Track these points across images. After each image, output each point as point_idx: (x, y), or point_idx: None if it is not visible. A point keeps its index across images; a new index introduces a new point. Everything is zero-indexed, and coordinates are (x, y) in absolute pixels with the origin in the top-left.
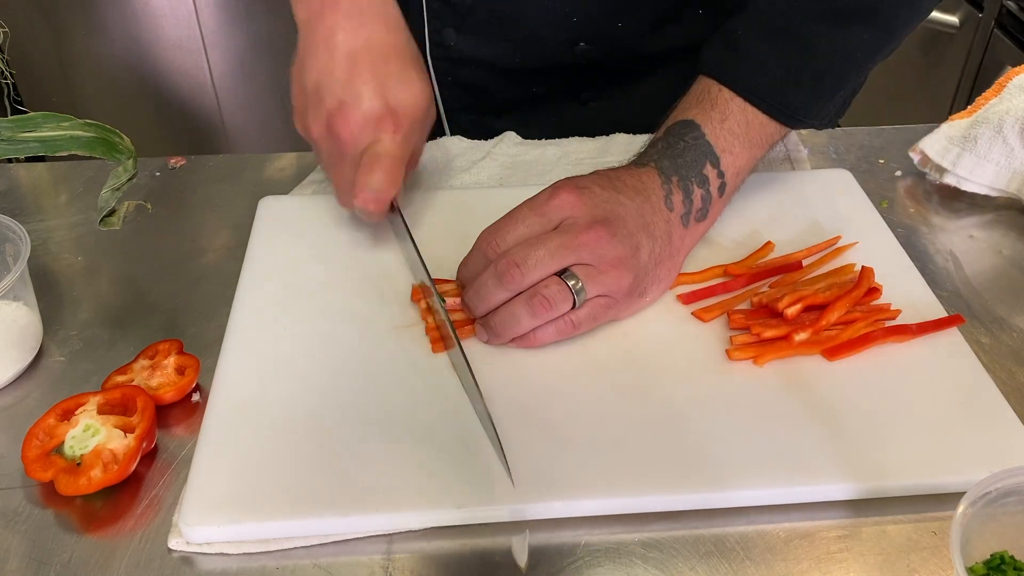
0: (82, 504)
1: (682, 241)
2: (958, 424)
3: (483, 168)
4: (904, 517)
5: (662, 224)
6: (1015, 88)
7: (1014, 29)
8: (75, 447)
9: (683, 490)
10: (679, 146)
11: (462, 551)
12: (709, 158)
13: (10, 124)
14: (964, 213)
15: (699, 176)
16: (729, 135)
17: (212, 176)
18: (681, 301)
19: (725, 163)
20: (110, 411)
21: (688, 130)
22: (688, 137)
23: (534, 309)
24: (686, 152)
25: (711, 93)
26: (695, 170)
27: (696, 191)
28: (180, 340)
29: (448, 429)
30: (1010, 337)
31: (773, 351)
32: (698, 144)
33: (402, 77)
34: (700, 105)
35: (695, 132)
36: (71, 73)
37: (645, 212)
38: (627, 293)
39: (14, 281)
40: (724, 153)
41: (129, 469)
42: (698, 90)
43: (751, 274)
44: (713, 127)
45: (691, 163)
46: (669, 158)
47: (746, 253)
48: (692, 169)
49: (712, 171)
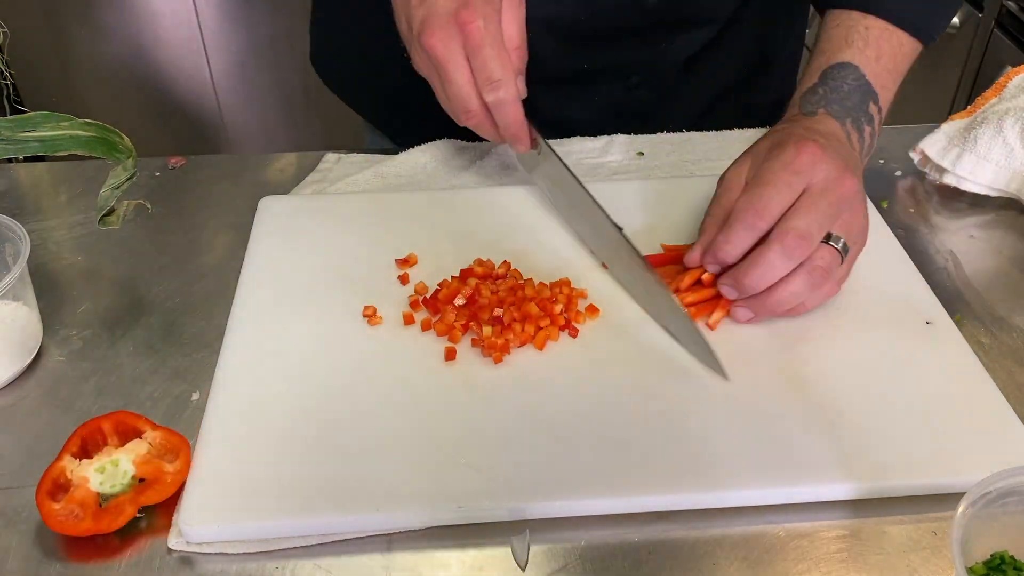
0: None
1: (862, 174)
2: (958, 424)
3: (483, 168)
4: (904, 517)
5: (859, 164)
6: (1015, 88)
7: (1014, 29)
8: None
9: (683, 490)
10: (843, 89)
11: (462, 551)
12: (871, 97)
13: (10, 124)
14: (964, 213)
15: (866, 115)
16: (884, 72)
17: (212, 176)
18: None
19: (883, 100)
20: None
21: (848, 72)
22: (850, 79)
23: (814, 280)
24: (852, 94)
25: (859, 31)
26: (862, 110)
27: (866, 129)
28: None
29: (449, 429)
30: (1010, 337)
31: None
32: (860, 85)
33: None
34: (852, 46)
35: (855, 74)
36: (71, 73)
37: (852, 155)
38: (866, 232)
39: (14, 281)
40: (882, 90)
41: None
42: (841, 32)
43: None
44: (870, 66)
45: (858, 104)
46: (837, 102)
47: None
48: (859, 109)
49: (874, 108)
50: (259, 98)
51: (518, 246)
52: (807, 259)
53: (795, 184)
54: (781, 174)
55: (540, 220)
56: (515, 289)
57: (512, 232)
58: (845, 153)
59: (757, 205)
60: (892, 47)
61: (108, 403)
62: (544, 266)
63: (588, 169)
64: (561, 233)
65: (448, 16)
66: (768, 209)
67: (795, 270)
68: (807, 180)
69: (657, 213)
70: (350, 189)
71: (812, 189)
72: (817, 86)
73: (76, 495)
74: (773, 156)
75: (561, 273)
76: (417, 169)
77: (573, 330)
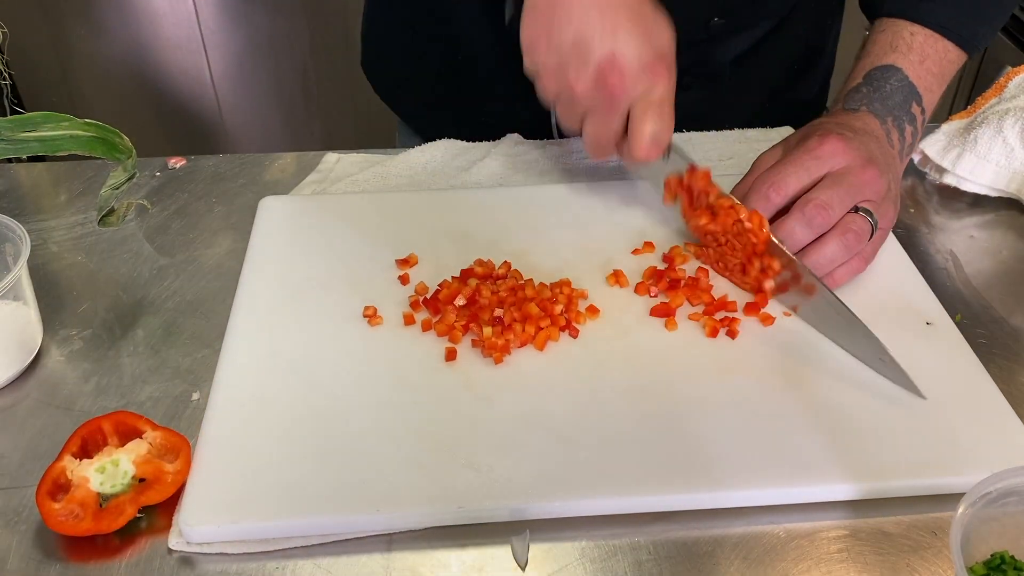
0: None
1: (900, 173)
2: (958, 424)
3: (483, 168)
4: (904, 517)
5: (894, 162)
6: (1015, 88)
7: (1014, 29)
8: (105, 483)
9: (683, 490)
10: (885, 89)
11: (462, 551)
12: (914, 98)
13: (10, 124)
14: (964, 213)
15: (908, 115)
16: (928, 75)
17: (212, 176)
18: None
19: (926, 101)
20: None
21: (891, 74)
22: (893, 80)
23: (848, 243)
24: (894, 94)
25: (904, 38)
26: (904, 109)
27: (907, 128)
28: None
29: (449, 429)
30: (1010, 337)
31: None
32: (903, 86)
33: (656, 21)
34: (896, 50)
35: (898, 75)
36: (71, 73)
37: (885, 152)
38: (892, 225)
39: (14, 281)
40: (926, 92)
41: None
42: (887, 37)
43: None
44: (914, 69)
45: (900, 104)
46: (879, 101)
47: None
48: (902, 109)
49: (917, 109)
50: (259, 98)
51: (518, 246)
52: (839, 224)
53: (813, 168)
54: (802, 157)
55: (540, 220)
56: (515, 289)
57: (512, 232)
58: (875, 148)
59: (774, 179)
60: (937, 52)
61: (108, 403)
62: (544, 266)
63: (588, 169)
64: (561, 233)
65: (646, 67)
66: (784, 183)
67: (826, 235)
68: (827, 167)
69: (657, 213)
70: (350, 189)
71: (833, 172)
72: (861, 85)
73: (76, 495)
74: (799, 144)
75: (561, 273)
76: (417, 169)
77: (573, 330)
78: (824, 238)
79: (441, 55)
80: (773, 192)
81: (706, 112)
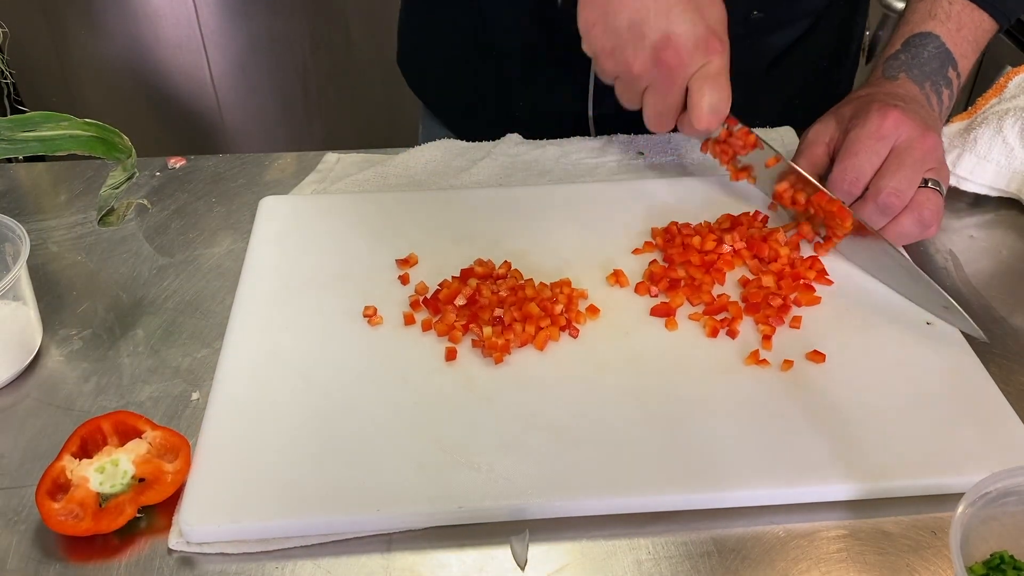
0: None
1: (941, 134)
2: (958, 424)
3: (483, 168)
4: (904, 517)
5: (937, 123)
6: (1015, 88)
7: (1014, 29)
8: (104, 483)
9: (683, 490)
10: (923, 55)
11: (462, 551)
12: (950, 63)
13: (10, 124)
14: (964, 213)
15: (945, 79)
16: (964, 42)
17: (212, 176)
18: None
19: (962, 67)
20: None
21: (928, 40)
22: (931, 47)
23: (924, 219)
24: (931, 60)
25: (943, 5)
26: (941, 74)
27: (944, 92)
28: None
29: (449, 429)
30: (1010, 337)
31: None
32: (940, 52)
33: None
34: (935, 18)
35: (936, 42)
36: (71, 73)
37: (932, 116)
38: (948, 184)
39: (14, 281)
40: (961, 58)
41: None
42: (926, 5)
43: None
44: (951, 35)
45: (937, 69)
46: (917, 67)
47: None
48: (939, 74)
49: (952, 73)
50: (259, 98)
51: (518, 246)
52: (912, 202)
53: (881, 149)
54: (867, 143)
55: (540, 220)
56: (516, 289)
57: (512, 232)
58: (925, 114)
59: (850, 176)
60: (973, 21)
61: (108, 403)
62: (544, 266)
63: (588, 169)
64: (561, 233)
65: (701, 43)
66: (862, 174)
67: (901, 215)
68: (892, 142)
69: (657, 213)
70: (350, 189)
71: (898, 147)
72: (899, 52)
73: (76, 495)
74: (859, 124)
75: (561, 273)
76: (417, 169)
77: (574, 330)
78: (899, 218)
79: (475, 48)
80: (855, 187)
81: (740, 111)
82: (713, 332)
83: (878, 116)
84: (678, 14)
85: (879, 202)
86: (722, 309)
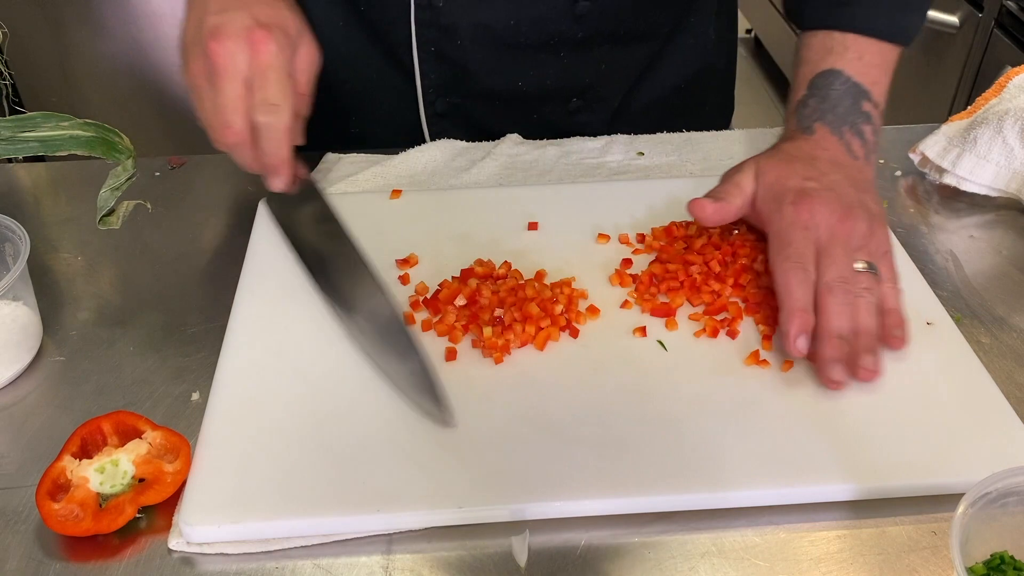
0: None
1: (872, 176)
2: (958, 424)
3: (483, 168)
4: (904, 517)
5: (861, 176)
6: (1015, 88)
7: (1014, 29)
8: (105, 484)
9: (683, 491)
10: (832, 96)
11: (462, 551)
12: (863, 96)
13: (10, 124)
14: (964, 213)
15: (862, 114)
16: (871, 68)
17: (212, 176)
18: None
19: (876, 95)
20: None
21: (833, 78)
22: (837, 84)
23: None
24: (842, 99)
25: (836, 38)
26: (857, 111)
27: (866, 129)
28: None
29: (449, 429)
30: (1010, 337)
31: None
32: (849, 88)
33: (271, 4)
34: (833, 53)
35: (841, 78)
36: (71, 73)
37: (851, 175)
38: (889, 240)
39: (14, 281)
40: (873, 86)
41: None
42: (820, 40)
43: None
44: (855, 66)
45: (851, 107)
46: (830, 111)
47: None
48: (854, 112)
49: (869, 105)
50: None
51: (518, 246)
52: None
53: (809, 236)
54: (796, 232)
55: (540, 220)
56: (516, 290)
57: (512, 232)
58: (843, 182)
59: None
60: (872, 47)
61: (108, 403)
62: (544, 266)
63: (588, 169)
64: (561, 233)
65: (243, 30)
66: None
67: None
68: (816, 231)
69: (657, 213)
70: (350, 189)
71: (821, 240)
72: (807, 97)
73: (76, 495)
74: (778, 214)
75: (561, 273)
76: (417, 169)
77: (574, 330)
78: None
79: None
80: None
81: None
82: (713, 332)
83: (793, 208)
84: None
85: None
86: (722, 309)
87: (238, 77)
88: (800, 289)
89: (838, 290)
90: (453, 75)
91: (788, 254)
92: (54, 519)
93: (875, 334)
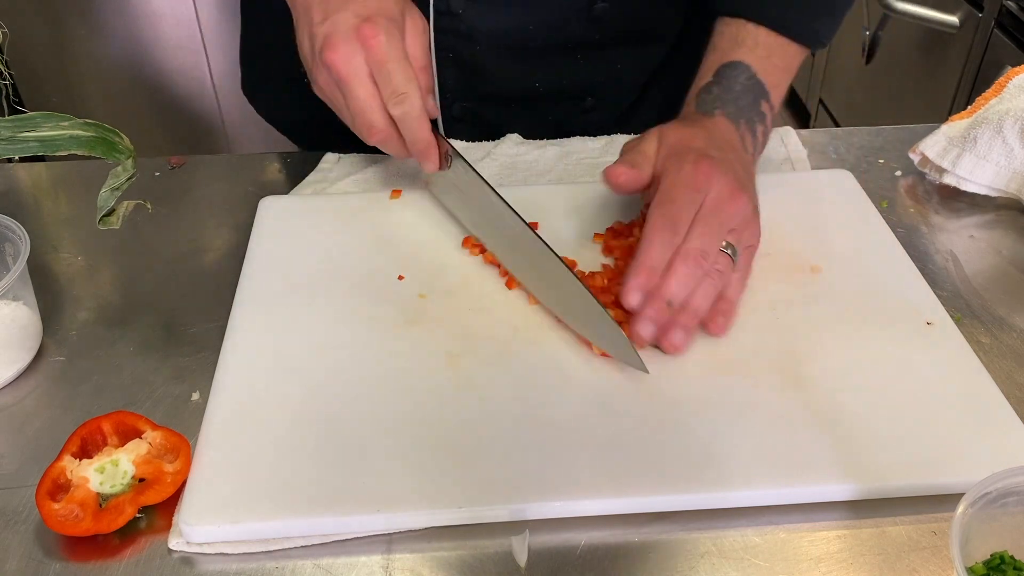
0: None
1: (755, 174)
2: (958, 424)
3: (483, 168)
4: (904, 517)
5: (750, 169)
6: (1015, 88)
7: (1014, 29)
8: (105, 484)
9: (683, 490)
10: (735, 88)
11: (462, 551)
12: (763, 96)
13: (9, 124)
14: (964, 213)
15: (759, 114)
16: (775, 70)
17: (212, 176)
18: None
19: (774, 97)
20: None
21: (739, 72)
22: (742, 78)
23: (715, 283)
24: (744, 94)
25: (749, 31)
26: (755, 109)
27: (759, 128)
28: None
29: (449, 429)
30: (1010, 337)
31: None
32: (752, 84)
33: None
34: (743, 45)
35: (747, 73)
36: (71, 73)
37: (743, 161)
38: (759, 239)
39: (14, 281)
40: (773, 88)
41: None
42: (732, 30)
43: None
44: (761, 64)
45: (751, 104)
46: (731, 102)
47: None
48: (752, 109)
49: (766, 106)
50: None
51: None
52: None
53: (696, 199)
54: (684, 192)
55: (540, 220)
56: None
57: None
58: (738, 167)
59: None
60: (781, 46)
61: (108, 403)
62: None
63: (588, 169)
64: (562, 233)
65: (350, 31)
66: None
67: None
68: (703, 196)
69: None
70: (350, 189)
71: (706, 206)
72: (712, 84)
73: (76, 495)
74: (674, 170)
75: None
76: (418, 169)
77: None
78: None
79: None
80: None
81: (610, 135)
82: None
83: (692, 167)
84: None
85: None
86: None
87: (363, 77)
88: (660, 250)
89: (692, 261)
90: (470, 79)
91: (666, 211)
92: (54, 519)
93: (699, 316)
